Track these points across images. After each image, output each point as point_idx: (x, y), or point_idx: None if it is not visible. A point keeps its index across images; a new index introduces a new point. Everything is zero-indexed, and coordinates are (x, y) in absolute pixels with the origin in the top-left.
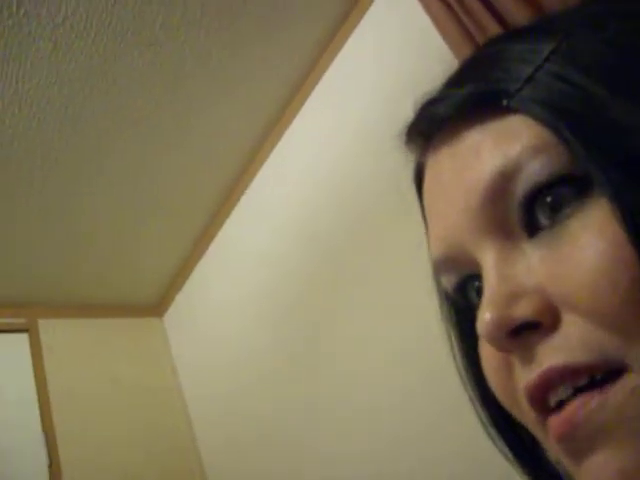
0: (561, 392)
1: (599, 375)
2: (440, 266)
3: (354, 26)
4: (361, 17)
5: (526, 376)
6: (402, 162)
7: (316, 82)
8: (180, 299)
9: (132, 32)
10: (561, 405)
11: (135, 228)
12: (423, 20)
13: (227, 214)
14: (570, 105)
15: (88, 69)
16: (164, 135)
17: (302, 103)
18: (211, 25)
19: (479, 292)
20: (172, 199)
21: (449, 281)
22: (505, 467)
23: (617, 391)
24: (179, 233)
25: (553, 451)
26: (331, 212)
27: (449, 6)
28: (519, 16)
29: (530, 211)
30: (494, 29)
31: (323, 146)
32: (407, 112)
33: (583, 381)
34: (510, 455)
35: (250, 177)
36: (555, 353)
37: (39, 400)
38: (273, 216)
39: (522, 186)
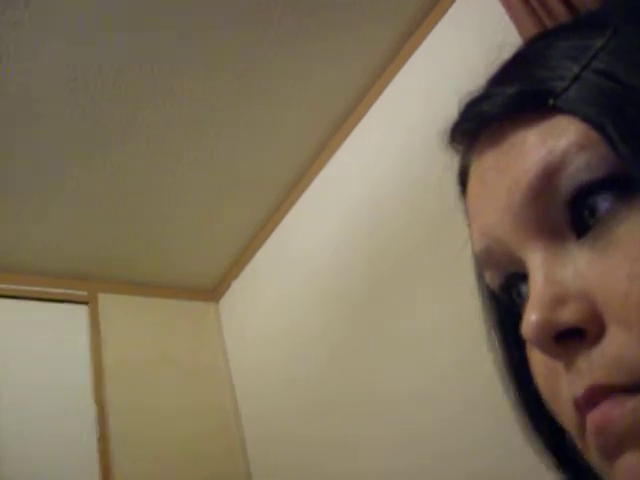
0: None
1: None
2: (483, 260)
3: (432, 26)
4: (439, 19)
5: (571, 386)
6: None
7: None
8: (236, 286)
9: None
10: None
11: (199, 216)
12: (503, 20)
13: (289, 207)
14: (616, 103)
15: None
16: (230, 124)
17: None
18: (284, 15)
19: (523, 293)
20: (236, 190)
21: (493, 280)
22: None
23: None
24: (241, 222)
25: (592, 457)
26: (399, 201)
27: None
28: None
29: (577, 211)
30: None
31: (389, 137)
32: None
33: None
34: (552, 461)
35: (315, 172)
36: (595, 370)
37: (93, 371)
38: (333, 213)
39: (567, 183)
